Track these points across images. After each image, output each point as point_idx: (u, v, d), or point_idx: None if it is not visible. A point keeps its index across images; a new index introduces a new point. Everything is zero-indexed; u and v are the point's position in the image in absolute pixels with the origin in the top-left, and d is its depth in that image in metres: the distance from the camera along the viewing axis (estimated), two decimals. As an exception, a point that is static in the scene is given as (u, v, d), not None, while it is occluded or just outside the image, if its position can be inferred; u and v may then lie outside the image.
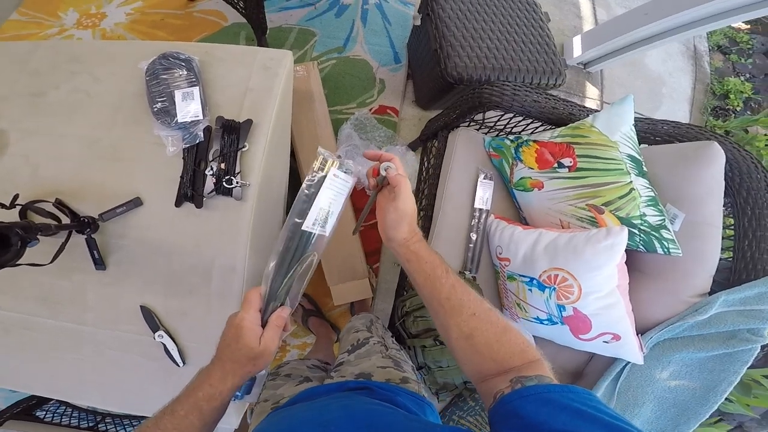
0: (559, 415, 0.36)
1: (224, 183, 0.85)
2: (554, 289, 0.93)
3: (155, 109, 0.88)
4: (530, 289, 0.98)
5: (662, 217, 0.93)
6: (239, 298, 0.87)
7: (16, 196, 0.76)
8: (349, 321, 1.10)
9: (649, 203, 0.94)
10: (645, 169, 0.97)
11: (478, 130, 1.23)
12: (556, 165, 1.01)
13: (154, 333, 0.87)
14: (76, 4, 2.01)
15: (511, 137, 1.12)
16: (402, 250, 0.57)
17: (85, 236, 0.84)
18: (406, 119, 1.87)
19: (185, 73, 0.90)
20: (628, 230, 0.90)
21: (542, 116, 1.07)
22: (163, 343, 0.88)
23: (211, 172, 0.86)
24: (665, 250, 0.91)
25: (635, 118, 0.99)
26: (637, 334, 0.94)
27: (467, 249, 1.13)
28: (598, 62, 2.06)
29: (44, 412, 1.28)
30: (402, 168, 0.58)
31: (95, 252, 0.85)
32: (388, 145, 1.68)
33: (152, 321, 0.87)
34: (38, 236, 0.69)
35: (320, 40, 1.91)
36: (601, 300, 0.90)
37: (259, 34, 1.68)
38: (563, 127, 1.02)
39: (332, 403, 0.56)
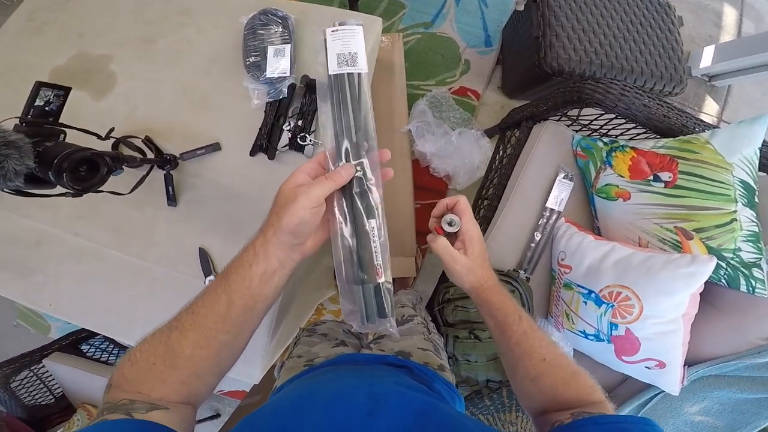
0: None
1: (298, 139, 0.88)
2: (612, 306, 0.88)
3: (248, 63, 0.91)
4: (585, 302, 0.93)
5: (759, 256, 0.83)
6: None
7: (111, 129, 0.82)
8: (396, 294, 1.11)
9: (749, 239, 0.83)
10: (757, 200, 0.86)
11: (568, 126, 1.15)
12: (651, 177, 0.91)
13: (205, 277, 0.89)
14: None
15: (606, 140, 1.02)
16: (471, 296, 0.55)
17: (165, 171, 0.90)
18: (487, 105, 1.79)
19: (280, 30, 0.92)
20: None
21: (649, 123, 0.96)
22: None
23: (288, 128, 0.89)
24: (750, 288, 0.82)
25: (760, 141, 0.88)
26: (684, 365, 0.88)
27: (527, 248, 1.08)
28: (728, 77, 1.80)
29: (88, 347, 1.38)
30: (469, 214, 0.53)
31: (170, 188, 0.90)
32: (462, 128, 1.63)
33: (207, 265, 0.90)
34: (124, 166, 0.75)
35: (409, 13, 1.86)
36: (660, 326, 0.84)
37: (353, -1, 1.67)
38: (670, 139, 0.92)
39: (383, 376, 0.55)
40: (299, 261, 0.46)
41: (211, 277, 0.89)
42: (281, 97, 0.90)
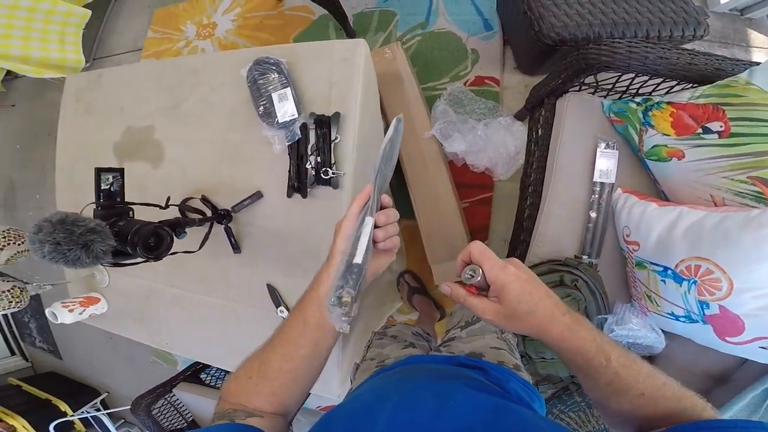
0: None
1: (321, 174, 0.91)
2: (695, 282, 0.77)
3: (260, 113, 0.96)
4: (664, 280, 0.83)
5: None
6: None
7: (168, 199, 0.92)
8: None
9: None
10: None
11: (593, 93, 1.06)
12: (700, 131, 0.81)
13: (276, 308, 1.00)
14: (190, 17, 2.28)
15: (638, 99, 0.93)
16: (544, 342, 0.47)
17: (224, 226, 1.00)
18: (510, 87, 1.71)
19: (277, 75, 0.95)
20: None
21: (675, 74, 0.87)
22: (283, 318, 0.98)
23: (310, 165, 0.93)
24: None
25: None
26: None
27: (585, 229, 1.00)
28: (760, 7, 1.61)
29: (206, 375, 1.55)
30: (488, 259, 0.46)
31: (232, 238, 1.02)
32: (490, 118, 1.56)
33: (276, 297, 1.01)
34: (186, 230, 0.84)
35: (402, 19, 1.85)
36: (762, 299, 0.71)
37: (342, 21, 1.69)
38: (706, 86, 0.82)
39: (452, 377, 0.54)
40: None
41: (282, 308, 1.00)
42: (297, 138, 0.94)
